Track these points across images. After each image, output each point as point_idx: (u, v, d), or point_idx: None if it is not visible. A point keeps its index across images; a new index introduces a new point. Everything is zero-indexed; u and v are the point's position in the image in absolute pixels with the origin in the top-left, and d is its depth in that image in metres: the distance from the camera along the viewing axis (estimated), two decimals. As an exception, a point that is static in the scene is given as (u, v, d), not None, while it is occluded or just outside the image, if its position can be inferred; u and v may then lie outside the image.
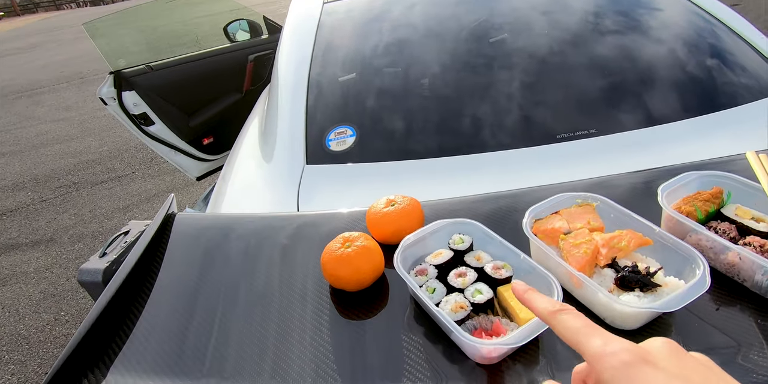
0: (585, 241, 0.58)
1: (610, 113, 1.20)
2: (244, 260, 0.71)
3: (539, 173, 1.05)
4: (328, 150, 1.21)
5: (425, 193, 0.95)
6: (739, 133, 1.12)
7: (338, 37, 1.51)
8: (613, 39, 1.34)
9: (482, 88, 1.27)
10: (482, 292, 0.55)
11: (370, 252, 0.61)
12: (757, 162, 0.68)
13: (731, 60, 1.29)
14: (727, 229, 0.60)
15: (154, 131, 2.37)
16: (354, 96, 1.32)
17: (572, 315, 0.33)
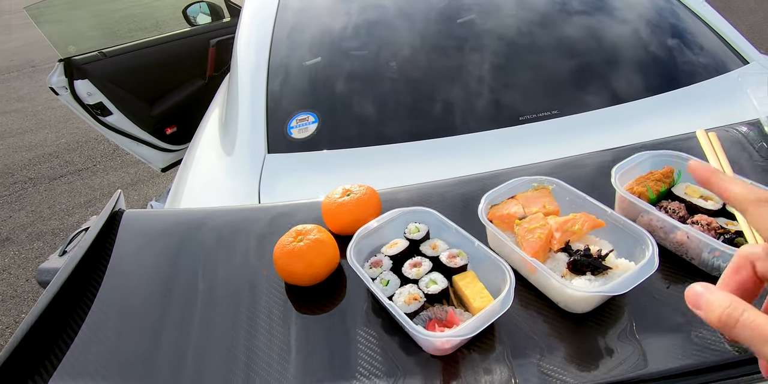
0: (539, 225, 0.58)
1: (572, 94, 1.20)
2: (194, 258, 0.68)
3: (503, 156, 1.05)
4: (290, 138, 1.17)
5: (389, 179, 0.93)
6: (698, 109, 1.13)
7: (300, 20, 1.45)
8: (575, 21, 1.33)
9: (446, 71, 1.24)
10: (437, 282, 0.54)
11: (324, 245, 0.59)
12: (706, 140, 0.68)
13: (688, 39, 1.30)
14: (676, 208, 0.61)
15: (112, 122, 2.25)
16: (316, 81, 1.28)
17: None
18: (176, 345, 0.57)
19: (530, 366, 0.51)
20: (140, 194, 3.02)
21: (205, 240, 0.71)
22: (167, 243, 0.72)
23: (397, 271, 0.57)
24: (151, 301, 0.63)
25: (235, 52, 1.44)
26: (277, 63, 1.32)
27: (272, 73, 1.30)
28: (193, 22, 2.85)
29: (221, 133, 1.37)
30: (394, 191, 0.77)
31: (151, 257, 0.70)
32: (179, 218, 0.78)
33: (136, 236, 0.74)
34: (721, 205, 0.61)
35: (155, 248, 0.71)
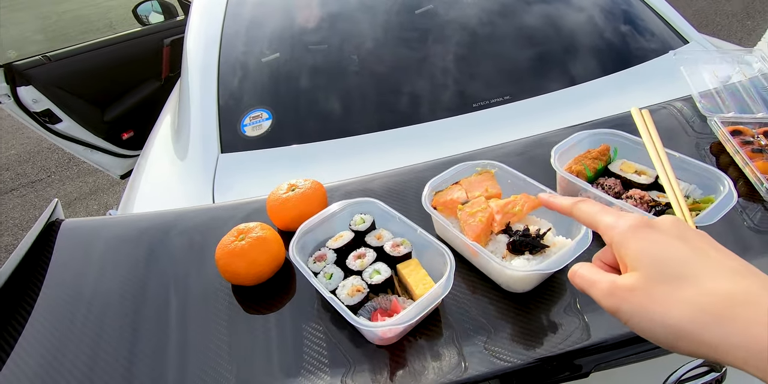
0: (481, 209, 0.58)
1: (523, 79, 1.21)
2: (135, 265, 0.66)
3: (458, 142, 1.05)
4: (244, 136, 1.14)
5: (346, 171, 0.93)
6: (644, 87, 1.17)
7: (251, 15, 1.41)
8: (524, 8, 1.34)
9: (401, 62, 1.24)
10: (380, 271, 0.54)
11: (267, 242, 0.58)
12: (639, 117, 0.70)
13: (633, 21, 1.33)
14: (612, 184, 0.63)
15: (62, 129, 2.15)
16: (269, 77, 1.25)
17: (588, 203, 0.38)
18: (116, 353, 0.55)
19: (478, 348, 0.52)
20: (100, 203, 2.91)
21: (146, 244, 0.69)
22: (108, 251, 0.69)
23: (341, 264, 0.56)
24: (92, 312, 0.61)
25: (185, 50, 1.40)
26: (228, 60, 1.29)
27: (223, 71, 1.27)
28: (144, 21, 2.74)
29: (173, 136, 1.32)
30: (342, 184, 0.76)
31: (92, 267, 0.67)
32: (121, 225, 0.75)
33: (76, 246, 0.71)
34: (654, 180, 0.63)
35: (96, 257, 0.68)
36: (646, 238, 0.32)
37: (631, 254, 0.32)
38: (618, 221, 0.34)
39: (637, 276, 0.31)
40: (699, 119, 0.82)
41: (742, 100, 0.83)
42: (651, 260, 0.31)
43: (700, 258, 0.30)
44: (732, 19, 4.07)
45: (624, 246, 0.33)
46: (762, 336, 0.25)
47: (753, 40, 3.64)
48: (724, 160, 0.72)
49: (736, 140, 0.71)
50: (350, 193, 0.74)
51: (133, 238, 0.71)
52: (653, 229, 0.32)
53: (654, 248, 0.31)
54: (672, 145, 0.77)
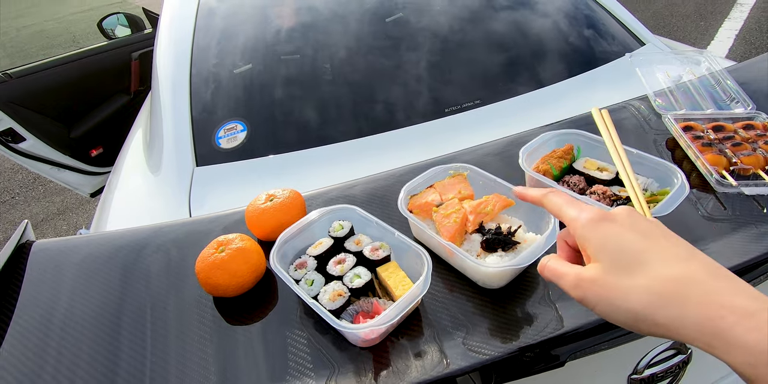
0: (455, 210, 0.61)
1: (492, 84, 1.25)
2: (112, 284, 0.65)
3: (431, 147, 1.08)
4: (219, 148, 1.14)
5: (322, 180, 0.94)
6: (605, 88, 1.23)
7: (222, 25, 1.41)
8: (489, 16, 1.39)
9: (373, 70, 1.26)
10: (360, 275, 0.55)
11: (247, 253, 0.58)
12: (599, 117, 0.75)
13: (593, 26, 1.40)
14: (577, 182, 0.66)
15: (26, 148, 2.07)
16: (242, 88, 1.25)
17: (555, 194, 0.41)
18: (101, 373, 0.54)
19: (458, 344, 0.54)
20: (69, 224, 2.80)
21: (122, 263, 0.68)
22: (84, 272, 0.68)
23: (322, 270, 0.57)
24: (74, 333, 0.59)
25: (155, 64, 1.38)
26: (199, 72, 1.28)
27: (195, 84, 1.26)
28: (110, 35, 2.69)
29: (146, 151, 1.31)
30: (320, 192, 0.77)
31: (67, 290, 0.66)
32: (95, 243, 0.74)
33: (49, 268, 0.69)
34: (615, 175, 0.67)
35: (72, 279, 0.67)
36: (603, 232, 0.35)
37: (591, 247, 0.35)
38: (580, 215, 0.37)
39: (598, 267, 0.34)
40: (655, 117, 0.87)
41: (693, 98, 0.89)
42: (609, 252, 0.34)
43: (651, 247, 0.33)
44: (686, 20, 4.29)
45: (585, 239, 0.36)
46: (704, 314, 0.28)
47: (707, 40, 3.85)
48: (678, 154, 0.77)
49: (687, 135, 0.75)
50: (330, 201, 0.75)
51: (108, 256, 0.70)
52: (610, 222, 0.36)
53: (611, 241, 0.34)
54: (631, 141, 0.82)
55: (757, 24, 3.92)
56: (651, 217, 0.57)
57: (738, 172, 0.69)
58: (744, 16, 4.10)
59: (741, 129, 0.76)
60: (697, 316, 0.29)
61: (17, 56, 4.98)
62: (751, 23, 3.96)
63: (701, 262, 0.32)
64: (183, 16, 1.44)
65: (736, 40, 3.72)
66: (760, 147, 0.72)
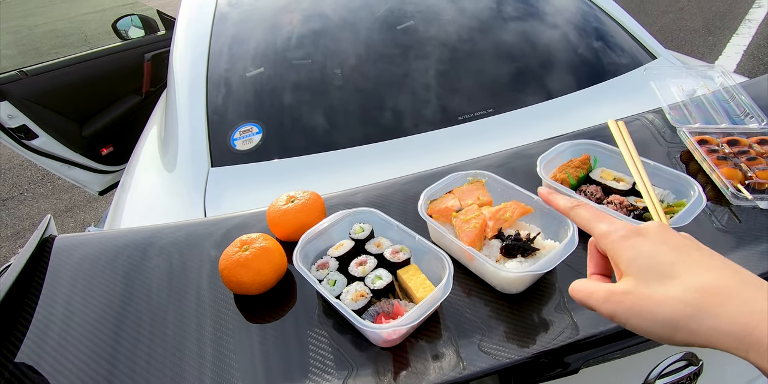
0: (474, 216, 0.62)
1: (505, 93, 1.27)
2: (133, 278, 0.66)
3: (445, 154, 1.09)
4: (234, 150, 1.16)
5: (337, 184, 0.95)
6: (618, 100, 1.24)
7: (238, 30, 1.43)
8: (504, 26, 1.41)
9: (388, 77, 1.28)
10: (382, 277, 0.56)
11: (270, 252, 0.59)
12: (615, 128, 0.76)
13: (606, 39, 1.42)
14: (594, 191, 0.67)
15: (38, 145, 2.10)
16: (258, 91, 1.27)
17: (584, 208, 0.41)
18: (126, 367, 0.55)
19: (474, 347, 0.54)
20: (76, 221, 2.82)
21: (146, 259, 0.69)
22: (105, 266, 0.69)
23: (344, 271, 0.58)
24: (96, 328, 0.60)
25: (171, 65, 1.41)
26: (216, 75, 1.31)
27: (211, 86, 1.28)
28: (124, 36, 2.73)
29: (161, 151, 1.32)
30: (340, 195, 0.79)
31: (89, 284, 0.67)
32: (118, 239, 0.75)
33: (72, 263, 0.70)
34: (631, 186, 0.68)
35: (93, 273, 0.68)
36: (635, 246, 0.35)
37: (623, 262, 0.35)
38: (610, 229, 0.37)
39: (630, 280, 0.34)
40: (669, 130, 0.88)
41: (707, 112, 0.90)
42: (641, 265, 0.34)
43: (683, 258, 0.33)
44: (694, 35, 4.32)
45: (617, 254, 0.36)
46: (740, 322, 0.29)
47: (714, 55, 3.87)
48: (693, 167, 0.78)
49: (703, 149, 0.77)
50: (349, 204, 0.77)
51: (130, 251, 0.71)
52: (641, 237, 0.36)
53: (643, 254, 0.35)
54: (646, 153, 0.83)
55: (765, 40, 3.94)
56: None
57: (753, 186, 0.70)
58: (752, 32, 4.12)
59: (756, 144, 0.77)
60: (732, 324, 0.29)
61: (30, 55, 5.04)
62: (759, 39, 3.98)
63: (734, 271, 0.32)
64: (200, 20, 1.47)
65: (744, 55, 3.75)
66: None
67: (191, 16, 1.53)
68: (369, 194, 0.79)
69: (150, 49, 2.50)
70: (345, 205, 0.76)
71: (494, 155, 0.86)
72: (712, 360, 0.71)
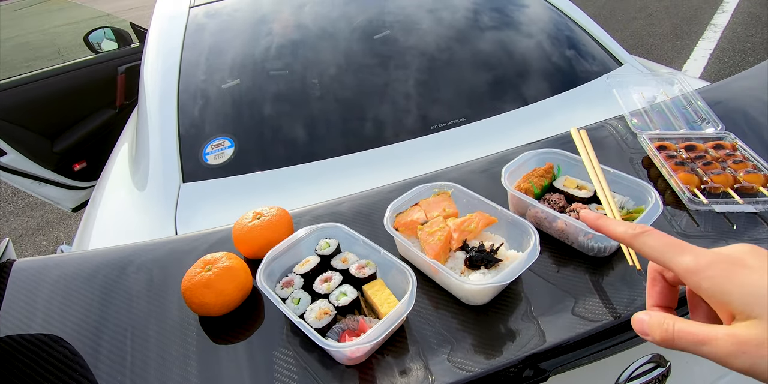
0: (439, 228, 0.62)
1: (477, 101, 1.29)
2: (92, 303, 0.64)
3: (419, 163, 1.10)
4: (206, 164, 1.14)
5: (309, 196, 0.95)
6: (586, 106, 1.27)
7: (210, 41, 1.42)
8: (475, 35, 1.43)
9: (361, 87, 1.28)
10: (347, 293, 0.56)
11: (234, 272, 0.59)
12: (578, 137, 0.78)
13: (575, 47, 1.46)
14: (557, 200, 0.68)
15: (7, 162, 2.04)
16: (229, 104, 1.26)
17: (653, 236, 0.34)
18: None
19: (443, 361, 0.54)
20: (49, 239, 2.74)
21: (107, 283, 0.68)
22: (64, 291, 0.67)
23: (308, 289, 0.58)
24: (50, 356, 0.58)
25: (142, 78, 1.39)
26: (187, 88, 1.29)
27: (183, 99, 1.27)
28: (97, 48, 2.69)
29: (131, 166, 1.30)
30: (307, 209, 0.78)
31: (48, 311, 0.65)
32: (78, 262, 0.73)
33: (29, 289, 0.68)
34: (593, 193, 0.69)
35: (53, 299, 0.66)
36: (746, 281, 0.29)
37: (736, 301, 0.29)
38: (701, 263, 0.31)
39: (761, 324, 0.28)
40: (631, 136, 0.91)
41: (666, 118, 0.93)
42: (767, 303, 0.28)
43: None
44: (663, 39, 4.47)
45: (723, 292, 0.30)
46: None
47: (683, 58, 4.01)
48: (653, 172, 0.80)
49: (662, 155, 0.79)
50: (317, 218, 0.76)
51: (89, 275, 0.69)
52: (745, 268, 0.30)
53: (762, 289, 0.29)
54: (608, 160, 0.85)
55: (729, 44, 4.10)
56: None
57: (709, 190, 0.72)
58: (717, 37, 4.29)
59: (711, 149, 0.80)
60: None
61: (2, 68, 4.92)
62: (724, 43, 4.14)
63: None
64: (171, 31, 1.46)
65: (711, 59, 3.89)
66: (729, 166, 0.75)
67: (162, 27, 1.51)
68: (338, 208, 0.79)
69: (124, 61, 2.47)
70: (314, 220, 0.75)
71: (462, 165, 0.87)
72: (679, 360, 0.73)
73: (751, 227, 0.68)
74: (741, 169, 0.73)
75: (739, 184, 0.72)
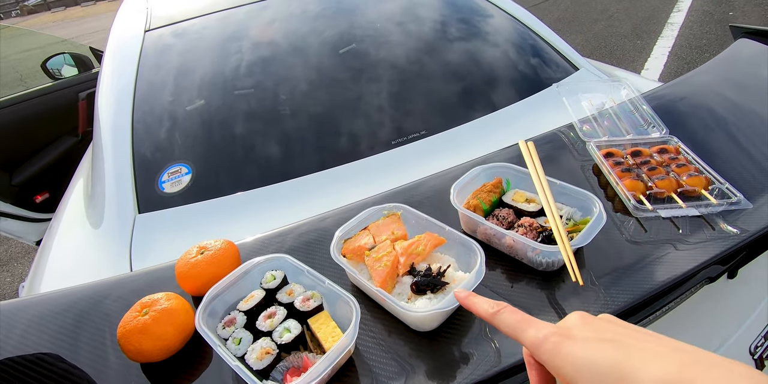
0: (386, 253, 0.61)
1: (437, 114, 1.29)
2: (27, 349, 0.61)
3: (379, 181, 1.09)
4: (163, 193, 1.11)
5: (268, 220, 0.93)
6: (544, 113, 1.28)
7: (165, 66, 1.40)
8: (431, 48, 1.44)
9: (317, 105, 1.27)
10: (290, 329, 0.54)
11: (173, 314, 0.56)
12: (525, 149, 0.78)
13: (532, 54, 1.48)
14: (506, 215, 0.68)
15: (-38, 198, 1.97)
16: (185, 128, 1.23)
17: (507, 313, 0.37)
18: None
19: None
20: (14, 275, 2.63)
21: (42, 331, 0.64)
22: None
23: (252, 326, 0.56)
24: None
25: (96, 105, 1.36)
26: (142, 114, 1.26)
27: (137, 125, 1.24)
28: (57, 75, 2.64)
29: (86, 197, 1.26)
30: (256, 240, 0.76)
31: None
32: (11, 311, 0.70)
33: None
34: (540, 207, 0.69)
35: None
36: (571, 355, 0.31)
37: (568, 374, 0.31)
38: (539, 338, 0.33)
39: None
40: (581, 143, 0.92)
41: (615, 124, 0.94)
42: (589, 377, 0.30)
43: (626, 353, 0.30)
44: (624, 39, 4.62)
45: (557, 367, 0.32)
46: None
47: (644, 57, 4.14)
48: (602, 180, 0.81)
49: (608, 162, 0.80)
50: (266, 247, 0.74)
51: (28, 326, 0.66)
52: (570, 340, 0.32)
53: (584, 363, 0.31)
54: (560, 169, 0.86)
55: (686, 41, 4.26)
56: (571, 251, 0.59)
57: (654, 195, 0.73)
58: (675, 35, 4.45)
59: (656, 153, 0.81)
60: None
61: (-40, 98, 4.76)
62: (681, 40, 4.30)
63: (687, 354, 0.29)
64: (125, 57, 1.43)
65: (670, 56, 4.03)
66: (673, 170, 0.76)
67: (116, 53, 1.48)
68: (280, 238, 0.76)
69: (85, 87, 2.43)
70: (263, 250, 0.73)
71: (415, 184, 0.86)
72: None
73: (697, 230, 0.69)
74: (684, 173, 0.75)
75: (682, 188, 0.73)
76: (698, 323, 0.78)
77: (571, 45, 1.57)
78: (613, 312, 0.59)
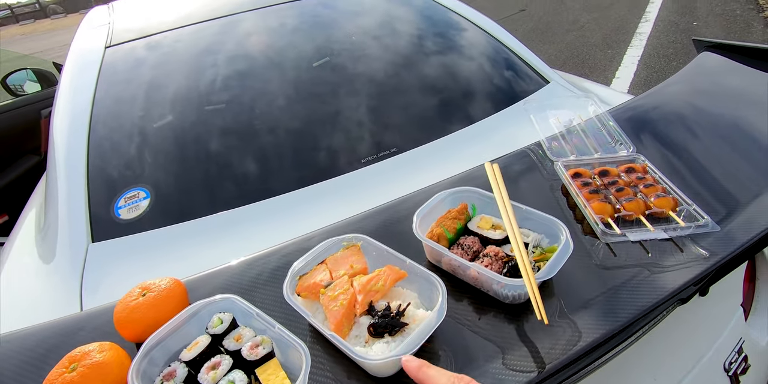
0: (343, 291, 0.57)
1: (407, 131, 1.26)
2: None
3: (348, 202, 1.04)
4: (119, 220, 1.05)
5: (223, 251, 0.88)
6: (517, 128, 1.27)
7: (126, 85, 1.34)
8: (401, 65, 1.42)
9: (285, 124, 1.23)
10: (235, 382, 0.49)
11: (104, 369, 0.51)
12: (491, 171, 0.76)
13: (503, 68, 1.47)
14: (471, 244, 0.65)
15: None
16: (143, 150, 1.17)
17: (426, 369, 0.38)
18: None
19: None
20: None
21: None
22: None
23: (193, 380, 0.51)
24: None
25: (52, 124, 1.29)
26: (99, 134, 1.20)
27: (93, 147, 1.18)
28: (19, 91, 2.54)
29: (37, 224, 1.18)
30: (205, 277, 0.71)
31: None
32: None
33: None
34: (506, 235, 0.66)
35: None
36: None
37: None
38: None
39: None
40: (549, 162, 0.90)
41: (583, 142, 0.93)
42: None
43: None
44: (596, 49, 4.73)
45: None
46: None
47: (615, 66, 4.23)
48: (571, 201, 0.79)
49: (576, 183, 0.78)
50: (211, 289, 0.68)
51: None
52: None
53: None
54: (528, 189, 0.83)
55: (655, 50, 4.38)
56: (536, 285, 0.57)
57: (623, 218, 0.71)
58: (643, 44, 4.58)
59: (624, 173, 0.80)
60: None
61: None
62: (649, 49, 4.42)
63: None
64: (83, 74, 1.36)
65: (639, 64, 4.13)
66: (641, 191, 0.75)
67: (73, 70, 1.42)
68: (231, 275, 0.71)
69: (48, 104, 2.33)
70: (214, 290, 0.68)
71: (379, 210, 0.82)
72: None
73: (667, 254, 0.67)
74: (651, 194, 0.73)
75: (650, 210, 0.71)
76: (671, 345, 0.76)
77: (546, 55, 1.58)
78: (582, 346, 0.56)
